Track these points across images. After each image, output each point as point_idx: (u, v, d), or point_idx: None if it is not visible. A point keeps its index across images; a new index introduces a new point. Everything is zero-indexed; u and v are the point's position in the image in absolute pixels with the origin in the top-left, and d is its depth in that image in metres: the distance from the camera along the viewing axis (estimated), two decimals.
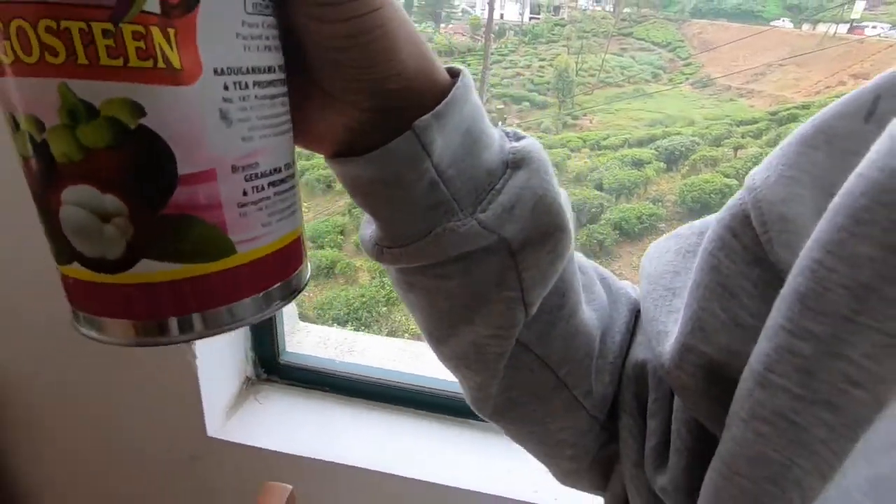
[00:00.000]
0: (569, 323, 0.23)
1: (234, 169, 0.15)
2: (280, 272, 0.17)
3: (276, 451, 0.57)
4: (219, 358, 0.58)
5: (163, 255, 0.14)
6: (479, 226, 0.19)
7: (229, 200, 0.15)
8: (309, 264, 0.19)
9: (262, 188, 0.16)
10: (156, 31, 0.13)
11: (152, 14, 0.13)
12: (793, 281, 0.15)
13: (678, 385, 0.21)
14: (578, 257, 0.26)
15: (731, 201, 0.20)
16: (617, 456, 0.26)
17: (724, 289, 0.19)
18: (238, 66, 0.14)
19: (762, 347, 0.16)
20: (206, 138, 0.14)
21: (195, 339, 0.16)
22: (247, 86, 0.15)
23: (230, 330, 0.16)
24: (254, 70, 0.15)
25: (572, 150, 5.76)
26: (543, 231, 0.20)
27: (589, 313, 0.24)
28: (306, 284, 0.19)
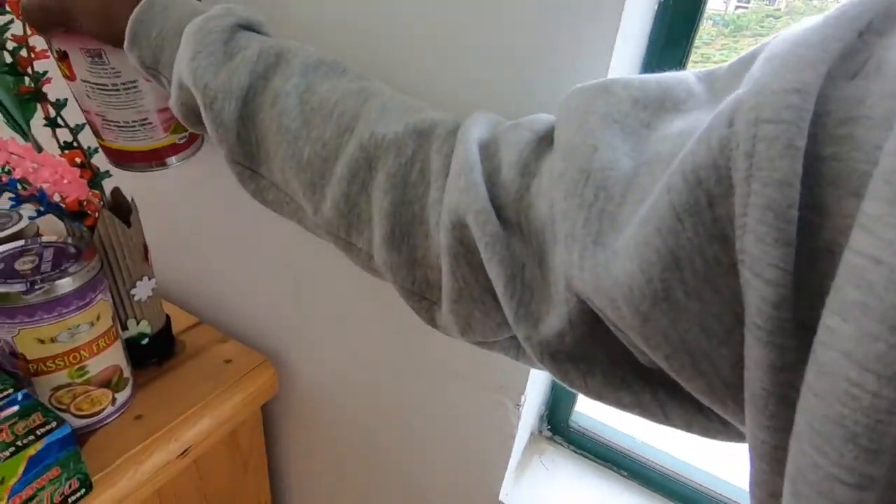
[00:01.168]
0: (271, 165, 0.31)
1: (97, 115, 0.42)
2: (145, 159, 0.45)
3: None
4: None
5: (98, 137, 0.45)
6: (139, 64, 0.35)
7: (98, 125, 0.43)
8: (172, 160, 0.47)
9: (111, 127, 0.43)
10: (62, 65, 0.40)
11: (58, 59, 0.40)
12: (827, 408, 0.12)
13: (573, 306, 0.21)
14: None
15: (717, 131, 0.16)
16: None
17: (673, 258, 0.17)
18: (88, 80, 0.40)
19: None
20: (85, 101, 0.42)
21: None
22: (94, 88, 0.40)
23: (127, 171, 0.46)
24: (95, 83, 0.40)
25: None
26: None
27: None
28: (166, 167, 0.46)
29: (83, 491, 0.42)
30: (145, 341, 0.54)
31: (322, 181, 0.29)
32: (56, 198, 0.43)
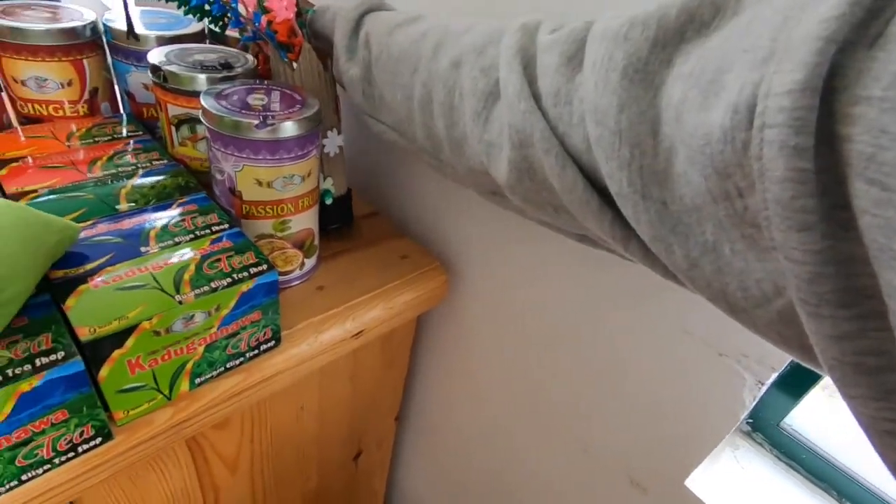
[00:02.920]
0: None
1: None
2: None
3: None
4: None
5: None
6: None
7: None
8: None
9: None
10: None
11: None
12: None
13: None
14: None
15: (739, 133, 0.17)
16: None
17: (720, 225, 0.19)
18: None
19: None
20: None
21: None
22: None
23: None
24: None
25: None
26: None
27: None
28: None
29: (273, 343, 0.41)
30: (329, 201, 0.52)
31: (410, 115, 0.36)
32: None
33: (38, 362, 0.28)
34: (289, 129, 0.39)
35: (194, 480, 0.48)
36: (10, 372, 0.27)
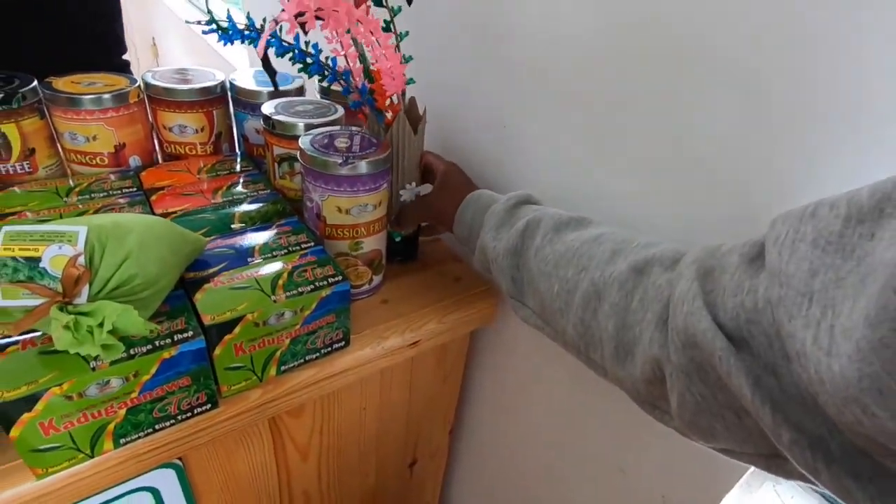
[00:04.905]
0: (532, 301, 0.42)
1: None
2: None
3: None
4: None
5: None
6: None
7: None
8: None
9: None
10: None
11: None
12: None
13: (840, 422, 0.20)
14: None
15: None
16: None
17: None
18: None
19: None
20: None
21: None
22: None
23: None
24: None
25: None
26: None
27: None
28: None
29: (343, 343, 0.49)
30: (398, 239, 0.60)
31: (566, 308, 0.37)
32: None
33: (175, 337, 0.38)
34: (364, 167, 0.48)
35: (272, 459, 0.56)
36: (157, 343, 0.37)
